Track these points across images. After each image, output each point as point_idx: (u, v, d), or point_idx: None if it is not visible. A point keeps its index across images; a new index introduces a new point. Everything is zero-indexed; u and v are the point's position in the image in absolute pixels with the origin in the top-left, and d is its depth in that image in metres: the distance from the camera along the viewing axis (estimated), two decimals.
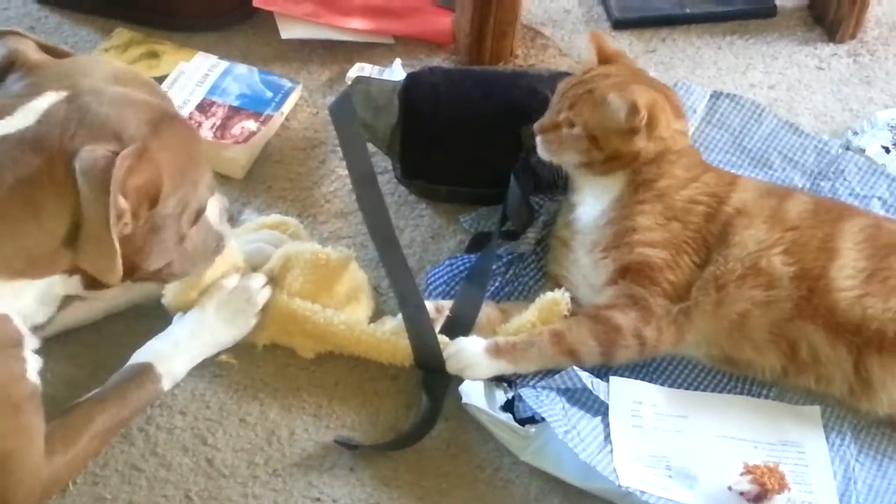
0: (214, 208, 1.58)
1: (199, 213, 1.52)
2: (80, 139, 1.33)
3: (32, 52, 1.45)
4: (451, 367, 1.66)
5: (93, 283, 1.41)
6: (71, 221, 1.33)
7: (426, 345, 1.68)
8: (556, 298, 1.72)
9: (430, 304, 1.72)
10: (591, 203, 1.78)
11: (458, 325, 1.71)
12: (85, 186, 1.31)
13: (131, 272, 1.43)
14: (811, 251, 1.69)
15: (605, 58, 1.87)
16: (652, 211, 1.72)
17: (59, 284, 1.41)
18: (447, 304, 1.74)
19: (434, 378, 1.67)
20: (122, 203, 1.34)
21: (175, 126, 1.44)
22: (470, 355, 1.65)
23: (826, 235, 1.71)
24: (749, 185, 1.79)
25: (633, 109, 1.71)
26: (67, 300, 1.48)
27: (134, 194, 1.37)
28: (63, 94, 1.37)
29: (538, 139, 1.79)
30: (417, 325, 1.69)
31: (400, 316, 1.71)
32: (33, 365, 1.43)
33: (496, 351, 1.65)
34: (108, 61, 1.50)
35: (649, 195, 1.73)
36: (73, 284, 1.42)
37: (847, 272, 1.67)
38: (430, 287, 1.79)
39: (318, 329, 1.70)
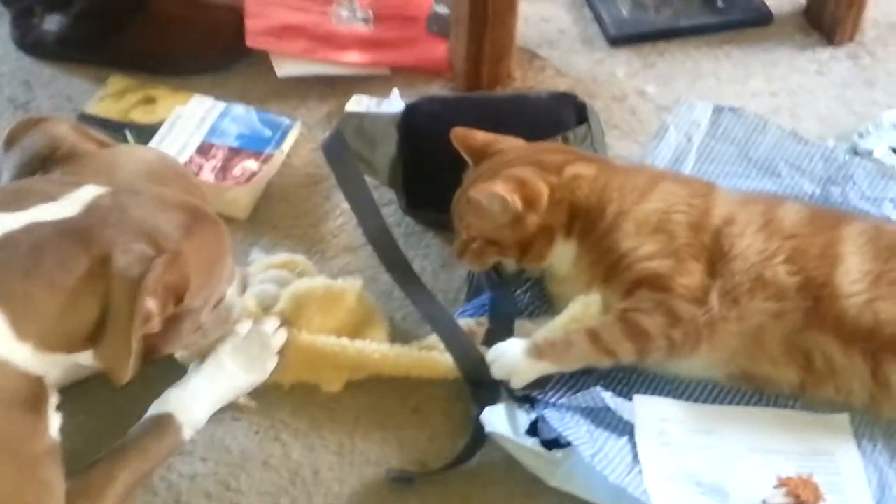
0: (233, 285, 1.61)
1: (219, 301, 1.55)
2: (118, 238, 1.36)
3: (72, 139, 1.49)
4: (496, 373, 1.64)
5: None
6: (101, 312, 1.36)
7: (470, 358, 1.67)
8: (588, 301, 1.69)
9: (464, 324, 1.72)
10: (561, 267, 1.75)
11: (498, 334, 1.69)
12: (117, 288, 1.34)
13: (147, 355, 1.45)
14: (813, 259, 1.66)
15: (476, 154, 1.81)
16: (627, 233, 1.69)
17: (87, 358, 1.41)
18: (482, 320, 1.73)
19: (483, 389, 1.65)
20: (151, 305, 1.37)
21: (206, 227, 1.47)
22: (512, 361, 1.63)
23: (826, 241, 1.68)
24: (725, 191, 1.77)
25: (500, 200, 1.68)
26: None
27: (163, 294, 1.39)
28: (104, 189, 1.40)
29: (463, 263, 1.79)
30: (456, 341, 1.69)
31: (428, 339, 1.72)
32: (55, 423, 1.42)
33: (538, 352, 1.62)
34: (143, 153, 1.58)
35: (610, 225, 1.69)
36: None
37: (853, 277, 1.64)
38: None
39: (352, 361, 1.68)
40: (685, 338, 1.63)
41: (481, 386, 1.66)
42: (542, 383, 1.64)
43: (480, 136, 1.81)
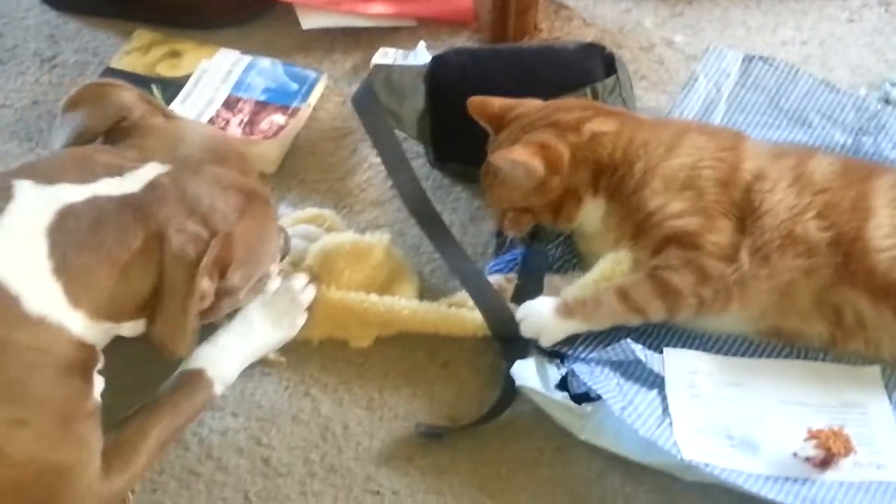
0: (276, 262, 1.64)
1: (260, 279, 1.59)
2: (175, 216, 1.41)
3: (140, 110, 1.53)
4: (525, 331, 1.64)
5: None
6: (152, 286, 1.41)
7: (498, 314, 1.67)
8: (619, 258, 1.68)
9: (493, 280, 1.71)
10: (591, 225, 1.75)
11: (528, 290, 1.69)
12: (173, 267, 1.39)
13: None
14: (844, 213, 1.64)
15: (495, 121, 1.79)
16: (655, 190, 1.68)
17: (130, 329, 1.46)
18: (511, 276, 1.73)
19: (511, 345, 1.65)
20: (206, 285, 1.43)
21: (257, 208, 1.51)
22: (541, 319, 1.63)
23: (858, 195, 1.66)
24: (754, 144, 1.75)
25: (522, 166, 1.67)
26: None
27: (212, 272, 1.44)
28: (166, 167, 1.44)
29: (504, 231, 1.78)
30: (485, 296, 1.68)
31: (456, 296, 1.72)
32: (98, 385, 1.45)
33: (567, 311, 1.62)
34: (206, 131, 1.64)
35: (638, 182, 1.69)
36: (138, 328, 1.47)
37: (884, 231, 1.63)
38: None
39: (381, 318, 1.69)
40: (715, 295, 1.62)
41: (510, 342, 1.66)
42: (571, 340, 1.64)
43: (497, 102, 1.79)
